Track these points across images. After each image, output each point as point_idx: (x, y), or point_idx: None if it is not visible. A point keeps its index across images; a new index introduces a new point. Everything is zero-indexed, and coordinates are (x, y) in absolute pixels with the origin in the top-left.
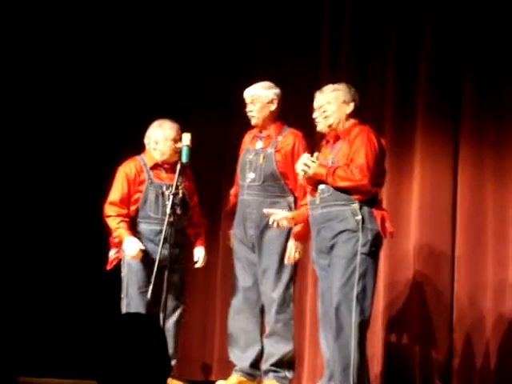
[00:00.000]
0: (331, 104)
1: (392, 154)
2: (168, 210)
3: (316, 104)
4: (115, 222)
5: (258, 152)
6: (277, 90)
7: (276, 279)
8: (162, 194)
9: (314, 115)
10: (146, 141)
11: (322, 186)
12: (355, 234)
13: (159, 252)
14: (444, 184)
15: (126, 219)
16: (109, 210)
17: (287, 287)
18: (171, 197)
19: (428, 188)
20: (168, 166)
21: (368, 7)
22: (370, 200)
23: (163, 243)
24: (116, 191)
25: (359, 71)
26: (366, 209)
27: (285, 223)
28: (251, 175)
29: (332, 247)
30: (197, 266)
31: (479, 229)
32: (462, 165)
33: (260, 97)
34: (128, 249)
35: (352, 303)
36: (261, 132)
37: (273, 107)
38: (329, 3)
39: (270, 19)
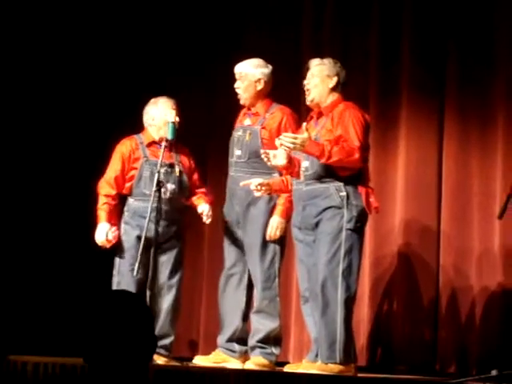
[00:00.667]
0: (314, 77)
1: (377, 130)
2: (154, 187)
3: (306, 79)
4: (101, 202)
5: (245, 129)
6: (265, 70)
7: (260, 256)
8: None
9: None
10: (144, 118)
11: (305, 164)
12: (340, 211)
13: (145, 229)
14: (429, 159)
15: (112, 202)
16: (100, 187)
17: (271, 264)
18: (156, 174)
19: (413, 163)
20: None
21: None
22: (355, 176)
23: (150, 220)
24: (110, 170)
25: (342, 49)
26: (350, 185)
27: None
28: (238, 152)
29: (317, 224)
30: (204, 220)
31: (464, 203)
32: (447, 140)
33: (247, 75)
34: (97, 234)
35: (338, 279)
36: (249, 109)
37: (259, 87)
38: None
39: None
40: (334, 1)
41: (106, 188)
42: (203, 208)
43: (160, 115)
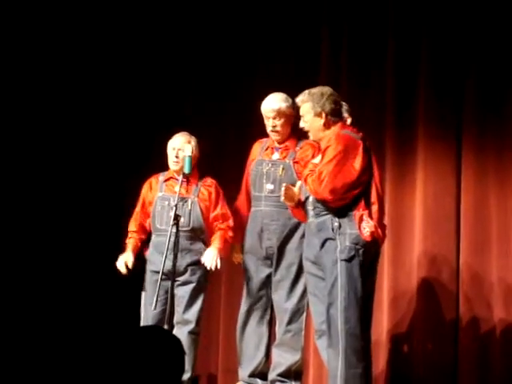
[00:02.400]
0: (304, 119)
1: (394, 163)
2: (171, 222)
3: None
4: (127, 238)
5: (275, 163)
6: (291, 102)
7: (290, 290)
8: (169, 205)
9: None
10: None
11: (310, 198)
12: (334, 242)
13: (162, 263)
14: (447, 191)
15: (137, 236)
16: (129, 225)
17: (301, 298)
18: (173, 208)
19: (431, 196)
20: (183, 178)
21: (366, 18)
22: (349, 204)
23: (167, 254)
24: (136, 208)
25: (358, 81)
26: (344, 214)
27: None
28: (270, 186)
29: (319, 257)
30: (205, 265)
31: (483, 236)
32: (465, 171)
33: (285, 112)
34: (118, 260)
35: (337, 312)
36: (273, 142)
37: (293, 121)
38: (327, 16)
39: (270, 31)
40: (351, 35)
41: (131, 224)
42: (204, 256)
43: (170, 149)
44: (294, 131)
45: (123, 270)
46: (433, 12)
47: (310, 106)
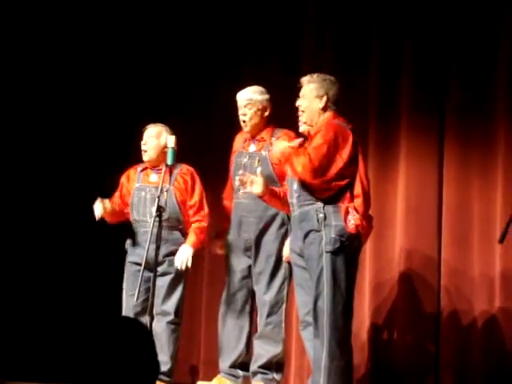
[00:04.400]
0: (304, 99)
1: (377, 155)
2: (154, 214)
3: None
4: None
5: (252, 155)
6: (268, 96)
7: (269, 282)
8: (145, 196)
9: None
10: None
11: (295, 187)
12: (319, 234)
13: (145, 254)
14: (429, 183)
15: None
16: None
17: (280, 290)
18: (156, 199)
19: (413, 188)
20: (159, 167)
21: (349, 12)
22: (336, 195)
23: (149, 245)
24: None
25: (342, 71)
26: (330, 205)
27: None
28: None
29: (303, 249)
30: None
31: (465, 227)
32: (447, 164)
33: (255, 102)
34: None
35: (323, 304)
36: (253, 136)
37: (266, 113)
38: (311, 13)
39: (254, 29)
40: (334, 25)
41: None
42: (176, 256)
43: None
44: (269, 123)
45: (98, 208)
46: (416, 6)
47: (314, 86)
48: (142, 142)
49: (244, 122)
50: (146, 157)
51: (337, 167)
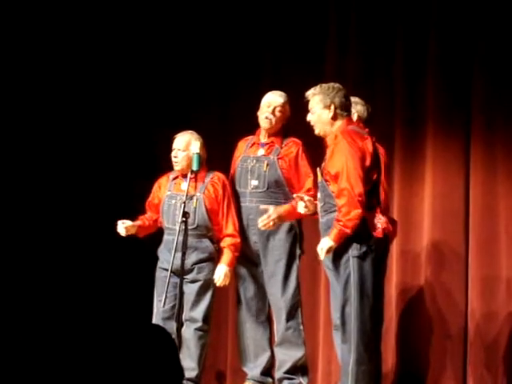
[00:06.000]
0: (313, 112)
1: (403, 159)
2: (179, 220)
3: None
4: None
5: (260, 159)
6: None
7: (283, 287)
8: (175, 204)
9: None
10: None
11: (319, 195)
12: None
13: (171, 262)
14: (455, 188)
15: (146, 217)
16: None
17: (295, 293)
18: (182, 206)
19: (440, 193)
20: (191, 175)
21: (374, 16)
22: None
23: (175, 252)
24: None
25: (367, 81)
26: None
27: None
28: (254, 182)
29: (331, 255)
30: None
31: (492, 231)
32: (473, 169)
33: (286, 110)
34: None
35: (351, 309)
36: (260, 140)
37: (285, 122)
38: (334, 16)
39: (275, 31)
40: (358, 32)
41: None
42: (215, 273)
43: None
44: (282, 132)
45: (122, 231)
46: (441, 7)
47: (319, 98)
48: (173, 154)
49: (270, 120)
50: (177, 166)
51: (364, 174)
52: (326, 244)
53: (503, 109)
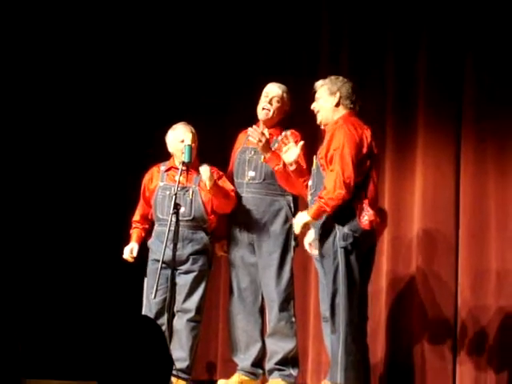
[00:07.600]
0: (319, 99)
1: (394, 151)
2: (171, 211)
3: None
4: (131, 228)
5: (258, 150)
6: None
7: (277, 277)
8: (169, 195)
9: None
10: (167, 145)
11: (309, 183)
12: (333, 230)
13: (162, 253)
14: (446, 181)
15: (140, 226)
16: (134, 215)
17: (288, 285)
18: (173, 197)
19: (430, 185)
20: (183, 167)
21: (366, 6)
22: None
23: (166, 243)
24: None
25: (359, 73)
26: (344, 202)
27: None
28: (251, 173)
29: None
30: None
31: (482, 224)
32: (464, 161)
33: (285, 102)
34: (124, 251)
35: (340, 300)
36: (266, 125)
37: (284, 116)
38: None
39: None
40: (350, 28)
41: (135, 215)
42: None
43: (174, 140)
44: (281, 125)
45: (130, 260)
46: (433, 2)
47: (327, 86)
48: (182, 144)
49: (267, 110)
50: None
51: (357, 162)
52: (302, 219)
53: (494, 101)
